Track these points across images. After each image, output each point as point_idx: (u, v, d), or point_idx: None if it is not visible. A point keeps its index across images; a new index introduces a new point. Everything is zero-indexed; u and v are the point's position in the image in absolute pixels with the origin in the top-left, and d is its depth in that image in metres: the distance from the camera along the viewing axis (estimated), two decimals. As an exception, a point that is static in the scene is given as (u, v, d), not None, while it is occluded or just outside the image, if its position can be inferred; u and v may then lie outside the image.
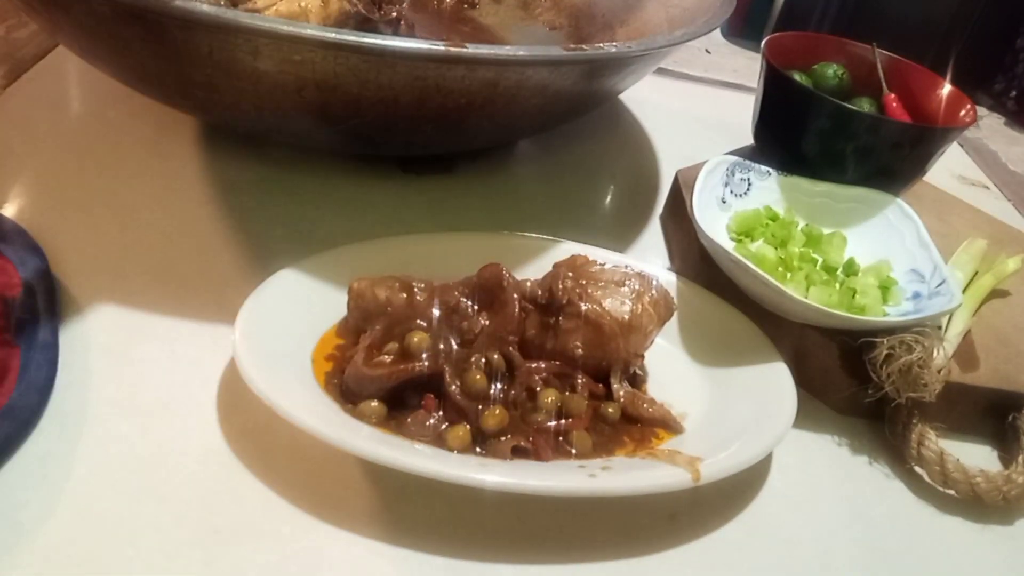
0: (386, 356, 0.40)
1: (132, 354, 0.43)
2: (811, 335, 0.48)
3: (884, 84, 0.66)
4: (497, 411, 0.39)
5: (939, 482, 0.45)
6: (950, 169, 0.84)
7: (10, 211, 0.50)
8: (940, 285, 0.50)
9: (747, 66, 0.97)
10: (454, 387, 0.39)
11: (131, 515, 0.35)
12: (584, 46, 0.48)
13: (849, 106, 0.60)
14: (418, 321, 0.41)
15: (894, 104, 0.64)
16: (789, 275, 0.51)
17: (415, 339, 0.40)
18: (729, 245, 0.53)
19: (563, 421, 0.40)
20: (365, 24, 0.57)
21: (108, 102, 0.62)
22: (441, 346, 0.40)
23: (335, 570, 0.35)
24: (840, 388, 0.47)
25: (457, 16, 0.81)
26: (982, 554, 0.43)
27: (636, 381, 0.44)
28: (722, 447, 0.40)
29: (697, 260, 0.53)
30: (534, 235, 0.52)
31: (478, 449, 0.39)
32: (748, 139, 0.68)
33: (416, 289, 0.43)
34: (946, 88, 0.64)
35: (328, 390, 0.40)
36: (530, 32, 0.80)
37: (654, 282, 0.45)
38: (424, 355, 0.40)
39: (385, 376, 0.39)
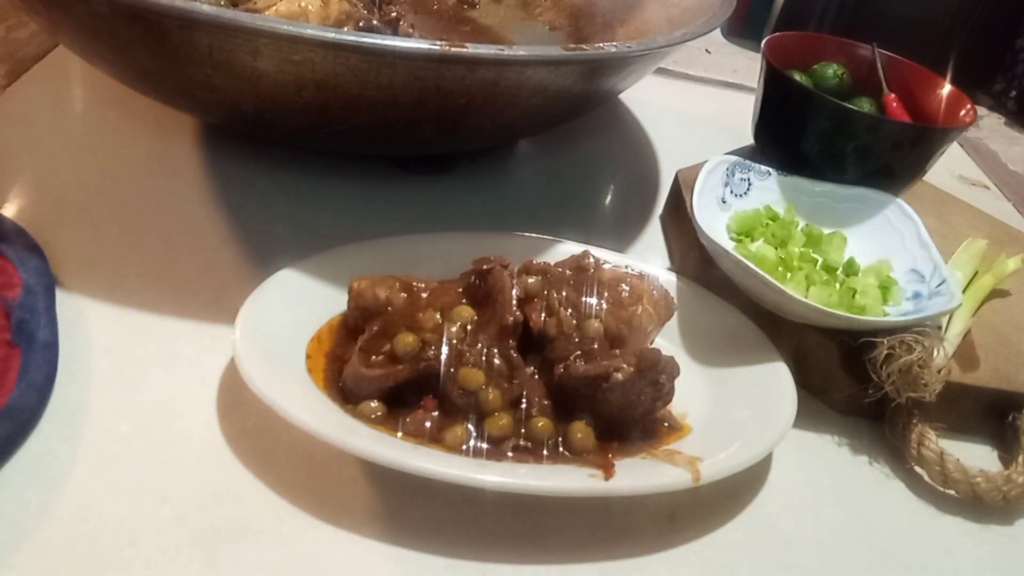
0: (383, 356, 0.40)
1: (132, 354, 0.43)
2: (811, 335, 0.48)
3: (884, 84, 0.66)
4: (502, 420, 0.39)
5: (939, 482, 0.45)
6: (950, 169, 0.84)
7: (10, 211, 0.50)
8: (940, 285, 0.50)
9: (747, 66, 0.97)
10: (452, 387, 0.39)
11: (131, 515, 0.35)
12: (584, 46, 0.48)
13: (849, 106, 0.59)
14: (413, 322, 0.41)
15: (894, 104, 0.64)
16: (789, 275, 0.51)
17: (405, 340, 0.40)
18: (729, 245, 0.53)
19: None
20: (365, 24, 0.57)
21: (108, 102, 0.62)
22: (432, 349, 0.40)
23: (335, 570, 0.35)
24: (840, 388, 0.47)
25: (457, 16, 0.81)
26: (982, 554, 0.43)
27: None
28: (722, 447, 0.40)
29: (697, 260, 0.53)
30: (534, 235, 0.52)
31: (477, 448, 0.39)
32: (748, 139, 0.68)
33: (416, 289, 0.43)
34: (946, 88, 0.64)
35: (327, 390, 0.40)
36: (530, 32, 0.80)
37: (654, 282, 0.45)
38: (414, 357, 0.40)
39: (383, 376, 0.39)
